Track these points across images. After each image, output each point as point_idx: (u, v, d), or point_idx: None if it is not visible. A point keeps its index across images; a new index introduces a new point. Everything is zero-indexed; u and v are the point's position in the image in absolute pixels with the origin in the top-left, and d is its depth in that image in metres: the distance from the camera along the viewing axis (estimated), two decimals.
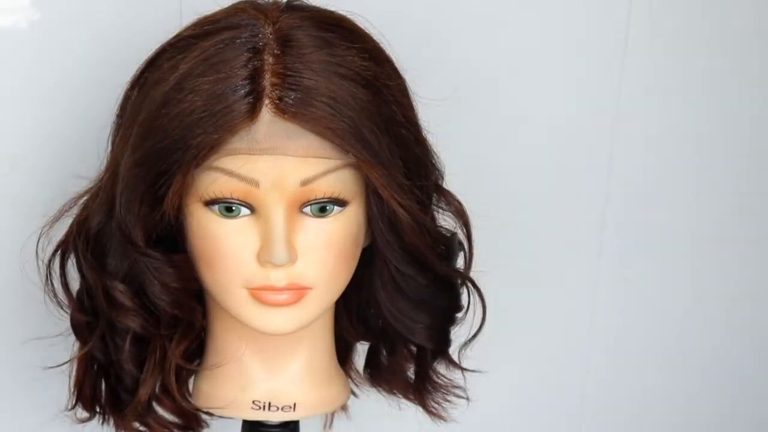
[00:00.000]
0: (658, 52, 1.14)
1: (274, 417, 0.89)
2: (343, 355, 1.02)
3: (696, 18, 1.14)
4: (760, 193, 1.21)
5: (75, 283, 0.89)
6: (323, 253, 0.81)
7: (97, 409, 0.92)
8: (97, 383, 0.91)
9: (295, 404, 0.89)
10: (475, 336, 0.95)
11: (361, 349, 1.03)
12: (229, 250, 0.80)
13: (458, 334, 0.96)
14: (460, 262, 0.93)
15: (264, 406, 0.88)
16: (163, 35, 0.83)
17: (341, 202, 0.81)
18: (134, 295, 0.84)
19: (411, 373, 0.99)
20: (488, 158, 1.13)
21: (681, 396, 1.26)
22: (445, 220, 0.92)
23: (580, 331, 1.21)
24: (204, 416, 0.94)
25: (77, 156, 0.96)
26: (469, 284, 0.93)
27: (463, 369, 0.97)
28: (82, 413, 0.92)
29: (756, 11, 1.15)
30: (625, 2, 1.11)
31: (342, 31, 0.80)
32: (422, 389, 0.98)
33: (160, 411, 0.92)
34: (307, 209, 0.80)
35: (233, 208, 0.79)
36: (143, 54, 0.84)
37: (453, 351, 0.97)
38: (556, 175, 1.16)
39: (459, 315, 0.94)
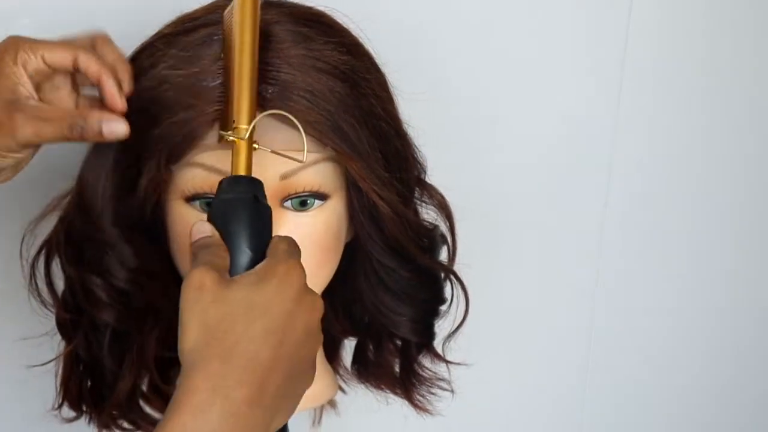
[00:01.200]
0: (658, 51, 1.14)
1: None
2: (332, 352, 1.02)
3: (697, 18, 1.14)
4: (761, 193, 1.21)
5: (60, 282, 0.90)
6: (306, 247, 0.81)
7: (84, 408, 0.92)
8: (82, 382, 0.91)
9: None
10: (458, 328, 0.96)
11: (349, 346, 1.03)
12: None
13: (443, 327, 0.96)
14: (444, 256, 0.94)
15: None
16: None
17: (322, 196, 0.81)
18: (110, 289, 0.84)
19: (398, 367, 0.99)
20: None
21: (679, 395, 1.26)
22: (428, 214, 0.92)
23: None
24: None
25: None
26: (452, 277, 0.94)
27: (447, 362, 0.98)
28: (68, 412, 0.93)
29: (757, 10, 1.15)
30: (625, 1, 1.11)
31: (320, 26, 0.81)
32: (408, 383, 0.98)
33: (150, 411, 0.93)
34: (288, 203, 0.80)
35: None
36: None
37: (438, 344, 0.97)
38: (555, 172, 1.15)
39: (442, 308, 0.94)
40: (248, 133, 0.73)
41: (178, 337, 0.67)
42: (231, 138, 0.73)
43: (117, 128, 0.75)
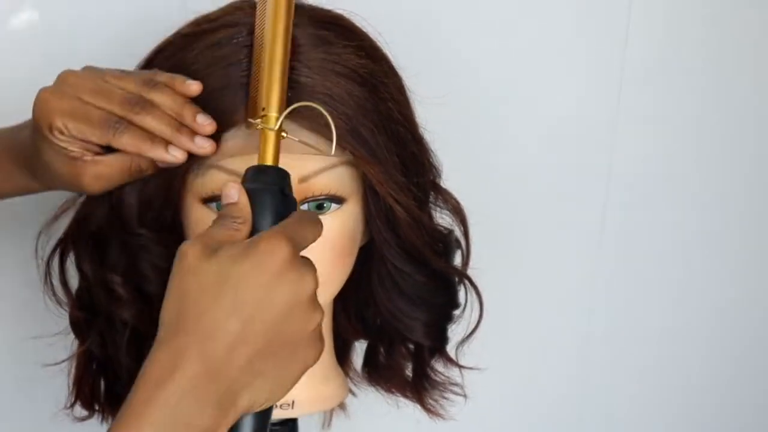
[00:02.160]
0: (658, 51, 1.14)
1: (273, 414, 0.89)
2: (342, 354, 1.02)
3: (697, 18, 1.14)
4: (761, 194, 1.21)
5: (74, 281, 0.90)
6: (320, 250, 0.81)
7: (96, 408, 0.92)
8: (95, 381, 0.91)
9: (293, 402, 0.89)
10: (472, 333, 0.96)
11: (360, 348, 1.03)
12: None
13: (456, 332, 0.96)
14: (457, 260, 0.94)
15: None
16: (166, 35, 0.84)
17: (339, 200, 0.81)
18: (132, 288, 0.84)
19: (409, 371, 0.99)
20: (487, 157, 1.13)
21: (679, 395, 1.26)
22: (443, 218, 0.92)
23: (577, 328, 1.21)
24: None
25: None
26: (467, 281, 0.94)
27: (460, 366, 0.98)
28: (80, 412, 0.93)
29: (758, 8, 1.15)
30: (625, 1, 1.11)
31: (339, 29, 0.81)
32: (420, 387, 0.98)
33: None
34: (305, 206, 0.80)
35: None
36: (145, 53, 0.85)
37: (451, 348, 0.97)
38: (556, 175, 1.16)
39: (456, 312, 0.94)
40: (278, 122, 0.72)
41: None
42: (260, 126, 0.72)
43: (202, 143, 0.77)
